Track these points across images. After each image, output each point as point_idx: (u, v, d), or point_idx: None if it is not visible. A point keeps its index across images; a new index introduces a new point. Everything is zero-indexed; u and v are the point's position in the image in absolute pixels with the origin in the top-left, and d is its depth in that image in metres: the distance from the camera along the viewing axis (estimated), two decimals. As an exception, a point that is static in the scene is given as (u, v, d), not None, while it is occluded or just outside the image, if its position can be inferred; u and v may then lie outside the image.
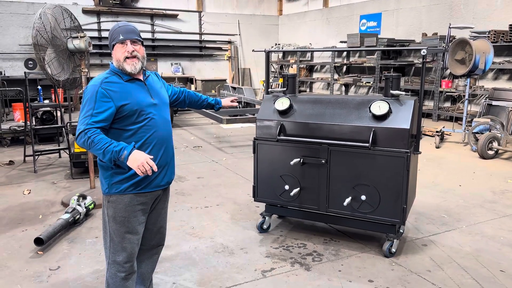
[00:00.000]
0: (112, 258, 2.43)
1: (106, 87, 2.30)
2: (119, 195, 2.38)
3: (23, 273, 3.24)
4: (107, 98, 2.28)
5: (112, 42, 2.39)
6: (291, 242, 3.78)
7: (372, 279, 3.19)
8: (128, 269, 2.46)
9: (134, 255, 2.48)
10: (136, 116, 2.34)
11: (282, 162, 3.73)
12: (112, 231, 2.41)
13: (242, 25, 15.64)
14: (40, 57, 4.46)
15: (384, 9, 12.18)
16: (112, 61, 2.43)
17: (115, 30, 2.40)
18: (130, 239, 2.43)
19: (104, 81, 2.32)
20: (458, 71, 7.56)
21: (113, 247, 2.42)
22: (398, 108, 3.39)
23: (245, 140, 8.30)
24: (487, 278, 3.21)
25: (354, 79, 12.32)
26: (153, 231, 2.64)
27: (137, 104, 2.35)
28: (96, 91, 2.28)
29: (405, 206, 3.36)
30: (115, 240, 2.41)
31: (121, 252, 2.42)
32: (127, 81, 2.38)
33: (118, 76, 2.38)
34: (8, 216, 4.40)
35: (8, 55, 12.24)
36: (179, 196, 5.02)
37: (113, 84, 2.33)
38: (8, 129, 7.46)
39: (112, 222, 2.40)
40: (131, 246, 2.44)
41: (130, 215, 2.40)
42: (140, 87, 2.42)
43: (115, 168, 2.35)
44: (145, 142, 2.38)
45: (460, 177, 5.83)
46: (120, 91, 2.32)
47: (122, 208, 2.39)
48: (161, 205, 2.63)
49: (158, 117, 2.44)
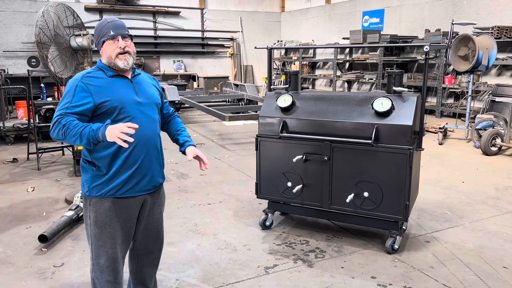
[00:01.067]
0: (96, 260, 2.34)
1: (86, 81, 2.21)
2: (99, 199, 2.27)
3: (28, 270, 3.27)
4: (86, 92, 2.18)
5: (101, 38, 2.29)
6: (294, 239, 3.79)
7: (375, 275, 3.19)
8: (112, 274, 2.35)
9: (117, 260, 2.35)
10: (116, 113, 2.22)
11: (285, 159, 3.73)
12: (93, 234, 2.30)
13: (244, 22, 15.62)
14: (43, 55, 4.47)
15: (386, 5, 12.14)
16: (100, 59, 2.35)
17: (104, 25, 2.29)
18: (112, 244, 2.31)
19: (86, 76, 2.24)
20: (461, 68, 7.54)
21: (95, 250, 2.33)
22: (400, 105, 3.39)
23: (248, 137, 8.30)
24: (490, 274, 3.21)
25: (357, 75, 12.30)
26: (151, 236, 2.52)
27: (118, 100, 2.23)
28: (76, 85, 2.19)
29: (408, 203, 3.36)
30: (96, 244, 2.31)
31: (102, 256, 2.32)
32: (111, 77, 2.28)
33: (102, 71, 2.29)
34: (12, 213, 4.43)
35: (11, 53, 12.27)
36: (182, 193, 5.04)
37: (95, 79, 2.24)
38: (11, 126, 7.49)
39: (93, 226, 2.29)
40: (112, 252, 2.32)
41: (111, 220, 2.28)
42: (125, 84, 2.32)
43: (95, 170, 2.26)
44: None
45: (463, 173, 5.82)
46: (101, 86, 2.22)
47: (103, 212, 2.27)
48: (156, 210, 2.50)
49: (142, 116, 2.30)
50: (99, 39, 2.31)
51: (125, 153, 2.25)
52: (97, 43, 2.33)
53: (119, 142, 2.04)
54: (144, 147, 2.31)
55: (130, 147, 2.23)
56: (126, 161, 2.27)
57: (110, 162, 2.25)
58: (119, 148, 2.22)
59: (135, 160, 2.28)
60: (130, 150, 2.25)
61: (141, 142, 2.29)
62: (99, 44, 2.31)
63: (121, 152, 2.24)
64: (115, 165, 2.25)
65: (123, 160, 2.26)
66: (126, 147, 2.14)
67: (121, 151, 2.24)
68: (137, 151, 2.29)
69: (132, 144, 2.21)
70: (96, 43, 2.33)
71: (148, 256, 2.57)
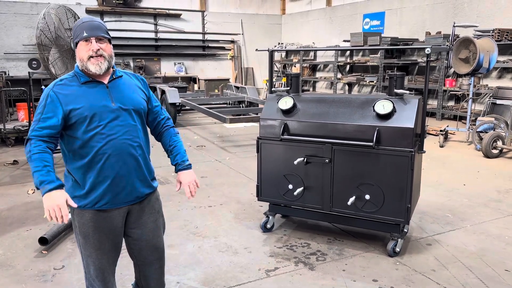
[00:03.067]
0: (87, 269, 2.29)
1: (57, 90, 2.10)
2: (80, 210, 2.17)
3: (28, 272, 3.26)
4: (56, 102, 2.07)
5: (75, 39, 2.12)
6: (295, 242, 3.78)
7: (377, 278, 3.18)
8: (102, 284, 2.28)
9: (105, 271, 2.27)
10: (87, 122, 2.08)
11: (286, 162, 3.72)
12: (80, 244, 2.24)
13: (245, 25, 15.63)
14: (44, 57, 4.47)
15: (387, 8, 12.15)
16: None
17: (78, 26, 2.12)
18: (98, 255, 2.22)
19: (57, 84, 2.12)
20: (462, 70, 7.53)
21: (84, 259, 2.27)
22: (402, 107, 3.38)
23: (249, 140, 8.29)
24: (492, 277, 3.19)
25: (358, 78, 12.29)
26: (147, 247, 2.36)
27: (89, 109, 2.09)
28: (47, 95, 2.09)
29: (409, 205, 3.35)
30: (84, 254, 2.25)
31: (91, 266, 2.25)
32: (83, 83, 2.14)
33: (76, 78, 2.15)
34: (12, 215, 4.42)
35: (12, 55, 12.28)
36: (182, 195, 5.02)
37: (66, 87, 2.12)
38: (12, 128, 7.49)
39: (79, 236, 2.23)
40: (99, 262, 2.23)
41: (94, 231, 2.18)
42: (99, 90, 2.15)
43: (73, 181, 2.18)
44: (97, 153, 2.11)
45: (465, 176, 5.80)
46: (71, 95, 2.09)
47: (85, 223, 2.18)
48: (149, 219, 2.33)
49: (116, 123, 2.13)
50: (73, 40, 2.16)
51: (98, 165, 2.12)
52: (72, 45, 2.21)
53: (46, 214, 1.95)
54: (120, 158, 2.15)
55: (102, 159, 2.11)
56: (99, 173, 2.13)
57: (84, 174, 2.15)
58: (91, 159, 2.11)
59: (110, 172, 2.14)
60: (103, 162, 2.12)
61: (116, 153, 2.13)
62: (74, 45, 2.16)
63: (94, 163, 2.12)
64: (89, 178, 2.14)
65: (97, 173, 2.13)
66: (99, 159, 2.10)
67: (93, 162, 2.12)
68: (112, 162, 2.13)
69: (104, 156, 2.11)
70: (72, 45, 2.24)
71: (149, 266, 2.42)
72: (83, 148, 2.12)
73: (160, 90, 10.12)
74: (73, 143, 2.13)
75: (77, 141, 2.12)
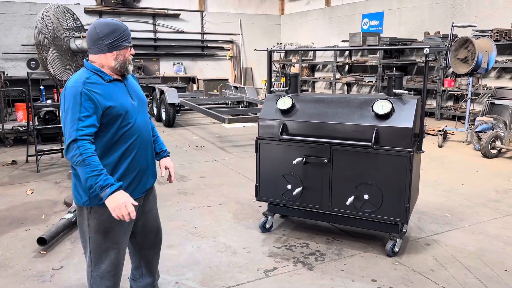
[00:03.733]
0: (95, 267, 2.31)
1: (89, 88, 2.12)
2: (101, 207, 2.18)
3: (26, 273, 3.25)
4: (91, 100, 2.10)
5: (122, 42, 2.23)
6: (294, 242, 3.78)
7: (375, 278, 3.18)
8: (113, 279, 2.34)
9: (119, 265, 2.35)
10: (121, 120, 2.19)
11: (285, 162, 3.72)
12: (93, 242, 2.26)
13: (244, 25, 15.63)
14: (43, 57, 4.47)
15: (386, 8, 12.16)
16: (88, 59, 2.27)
17: (125, 30, 2.25)
18: (116, 249, 2.30)
19: (87, 82, 2.13)
20: (461, 70, 7.54)
21: (95, 257, 2.29)
22: (400, 107, 3.38)
23: (248, 140, 8.29)
24: (490, 277, 3.20)
25: (357, 78, 12.30)
26: (152, 232, 2.57)
27: (122, 107, 2.20)
28: (80, 93, 2.08)
29: (408, 205, 3.35)
30: (97, 251, 2.28)
31: (104, 261, 2.29)
32: (109, 82, 2.22)
33: (98, 76, 2.20)
34: (11, 215, 4.41)
35: (10, 55, 12.27)
36: (181, 195, 5.03)
37: (96, 85, 2.15)
38: (10, 129, 7.48)
39: (94, 233, 2.25)
40: (115, 257, 2.31)
41: (116, 224, 2.25)
42: (121, 88, 2.27)
43: None
44: (129, 148, 2.24)
45: (463, 176, 5.81)
46: (104, 93, 2.15)
47: (106, 219, 2.21)
48: (152, 206, 2.55)
49: (140, 120, 2.30)
50: (118, 42, 2.22)
51: (127, 160, 2.24)
52: (109, 45, 2.21)
53: (114, 215, 2.07)
54: (144, 151, 2.33)
55: (132, 153, 2.25)
56: (128, 167, 2.25)
57: (113, 169, 2.21)
58: (123, 153, 2.22)
59: (136, 165, 2.29)
60: (132, 157, 2.25)
61: (142, 147, 2.31)
62: (115, 46, 2.21)
63: (124, 157, 2.23)
64: (117, 172, 2.23)
65: (125, 167, 2.24)
66: (129, 154, 2.23)
67: (124, 156, 2.23)
68: (138, 156, 2.29)
69: (133, 151, 2.25)
70: (107, 44, 2.20)
71: (152, 250, 2.61)
72: (116, 144, 2.21)
73: (159, 90, 10.11)
74: (104, 138, 2.18)
75: (109, 137, 2.19)
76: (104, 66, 2.23)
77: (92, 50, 2.23)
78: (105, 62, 2.23)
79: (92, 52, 2.24)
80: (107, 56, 2.22)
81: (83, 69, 2.24)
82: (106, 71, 2.24)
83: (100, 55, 2.22)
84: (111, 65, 2.23)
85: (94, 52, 2.23)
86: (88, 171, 2.04)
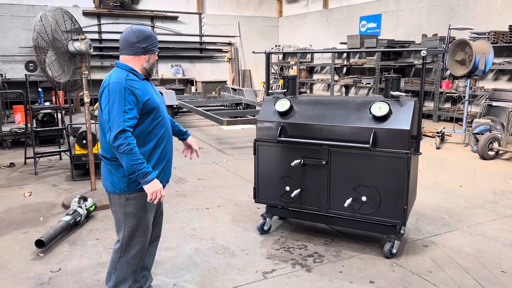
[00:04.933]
0: (126, 251, 2.55)
1: (130, 84, 2.39)
2: (139, 192, 2.48)
3: (24, 275, 3.25)
4: (133, 94, 2.37)
5: (153, 47, 2.53)
6: (292, 243, 3.78)
7: (373, 280, 3.19)
8: (137, 262, 2.60)
9: (144, 250, 2.62)
10: (154, 113, 2.47)
11: (283, 163, 3.73)
12: (129, 227, 2.52)
13: (242, 27, 15.66)
14: (41, 59, 4.46)
15: (384, 10, 12.20)
16: (121, 61, 2.50)
17: (156, 38, 2.56)
18: (146, 233, 2.59)
19: (128, 79, 2.40)
20: (458, 72, 7.57)
21: (127, 242, 2.54)
22: (398, 109, 3.40)
23: (246, 142, 8.30)
24: (488, 278, 3.21)
25: (354, 80, 12.33)
26: (160, 223, 2.82)
27: (154, 101, 2.48)
28: (124, 88, 2.35)
29: (406, 207, 3.36)
30: (131, 236, 2.53)
31: (135, 246, 2.56)
32: (142, 80, 2.49)
33: (133, 74, 2.47)
34: (9, 218, 4.41)
35: (9, 58, 12.26)
36: (180, 197, 5.03)
37: (134, 82, 2.43)
38: (9, 131, 7.47)
39: (131, 219, 2.51)
40: (145, 240, 2.59)
41: (147, 209, 2.55)
42: (150, 87, 2.56)
43: None
44: (160, 138, 2.52)
45: (461, 177, 5.83)
46: (141, 89, 2.43)
47: (143, 204, 2.51)
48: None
49: (166, 115, 2.61)
50: (151, 46, 2.51)
51: (159, 148, 2.51)
52: (144, 48, 2.48)
53: (149, 198, 2.39)
54: (169, 142, 2.62)
55: (163, 143, 2.53)
56: (160, 155, 2.53)
57: (149, 157, 2.47)
58: (156, 143, 2.49)
59: (166, 154, 2.57)
60: (163, 146, 2.54)
61: (169, 138, 2.61)
62: (149, 50, 2.50)
63: (157, 147, 2.50)
64: (152, 160, 2.49)
65: (158, 155, 2.52)
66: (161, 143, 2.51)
67: (156, 145, 2.49)
68: (167, 146, 2.58)
69: (164, 141, 2.54)
70: (143, 47, 2.47)
71: (153, 242, 2.82)
72: (150, 134, 2.47)
73: (157, 92, 10.10)
74: (140, 128, 2.43)
75: (145, 127, 2.44)
76: (137, 67, 2.49)
77: (127, 51, 2.48)
78: (138, 63, 2.49)
79: (126, 54, 2.49)
80: (140, 58, 2.49)
81: (118, 69, 2.47)
82: (139, 71, 2.50)
83: (134, 56, 2.48)
84: (142, 66, 2.51)
85: (129, 54, 2.48)
86: (134, 159, 2.31)
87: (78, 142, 5.61)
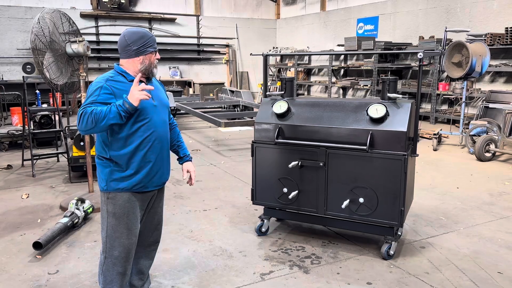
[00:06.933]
0: (109, 252, 2.53)
1: (110, 84, 2.40)
2: (117, 192, 2.48)
3: (22, 277, 3.24)
4: (110, 94, 2.37)
5: (148, 47, 2.49)
6: (290, 245, 3.79)
7: (371, 281, 3.20)
8: (124, 265, 2.55)
9: (131, 251, 2.57)
10: (136, 115, 2.42)
11: (280, 165, 3.74)
12: (110, 226, 2.50)
13: (240, 29, 15.69)
14: (39, 61, 4.46)
15: (381, 13, 12.24)
16: (118, 63, 2.52)
17: (150, 37, 2.51)
18: (128, 235, 2.53)
19: (109, 79, 2.42)
20: (455, 74, 7.60)
21: (110, 242, 2.52)
22: (395, 111, 3.41)
23: (243, 143, 8.31)
24: (485, 280, 3.22)
25: (352, 82, 12.36)
26: (151, 228, 2.76)
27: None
28: (101, 86, 2.37)
29: (403, 209, 3.37)
30: (112, 236, 2.51)
31: (117, 247, 2.52)
32: (131, 81, 2.45)
33: (122, 76, 2.47)
34: (6, 220, 4.40)
35: (6, 60, 12.24)
36: (177, 199, 5.03)
37: (117, 82, 2.43)
38: (6, 133, 7.46)
39: (111, 218, 2.50)
40: (128, 242, 2.54)
41: (129, 211, 2.51)
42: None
43: (113, 165, 2.46)
44: (143, 141, 2.47)
45: (458, 179, 5.85)
46: (123, 90, 2.41)
47: (122, 204, 2.49)
48: (158, 203, 2.75)
49: (157, 119, 2.53)
50: (146, 47, 2.48)
51: (142, 151, 2.47)
52: (135, 50, 2.46)
53: (143, 97, 2.29)
54: (158, 146, 2.54)
55: (147, 146, 2.48)
56: (143, 158, 2.48)
57: (129, 159, 2.45)
58: (138, 146, 2.45)
59: (151, 158, 2.51)
60: (147, 149, 2.48)
61: (156, 141, 2.53)
62: (141, 52, 2.47)
63: (139, 150, 2.46)
64: (133, 163, 2.46)
65: (141, 158, 2.47)
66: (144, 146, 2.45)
67: (139, 148, 2.46)
68: (153, 149, 2.51)
69: (148, 144, 2.48)
70: (135, 50, 2.46)
71: (145, 248, 2.79)
72: (132, 137, 2.44)
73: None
74: (120, 132, 2.42)
75: (125, 130, 2.42)
76: (130, 69, 2.49)
77: (122, 55, 2.50)
78: (132, 65, 2.49)
79: (122, 57, 2.51)
80: (134, 60, 2.48)
81: (111, 70, 2.52)
82: (132, 73, 2.48)
83: (128, 59, 2.49)
84: (137, 68, 2.49)
85: (124, 57, 2.50)
86: (104, 112, 2.27)
87: (76, 144, 5.61)
